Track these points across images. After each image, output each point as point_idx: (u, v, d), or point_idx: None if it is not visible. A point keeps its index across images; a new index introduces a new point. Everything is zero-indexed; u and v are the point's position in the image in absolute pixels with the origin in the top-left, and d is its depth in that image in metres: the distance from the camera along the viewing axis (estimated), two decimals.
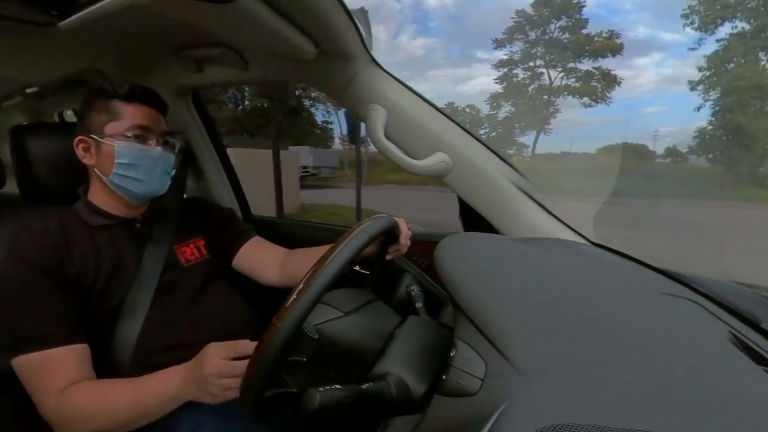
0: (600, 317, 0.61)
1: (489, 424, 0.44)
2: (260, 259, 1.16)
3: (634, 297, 0.74)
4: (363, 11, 0.93)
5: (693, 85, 18.67)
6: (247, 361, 0.61)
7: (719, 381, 0.51)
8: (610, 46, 15.78)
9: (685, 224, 9.02)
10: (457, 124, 1.06)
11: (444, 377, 0.55)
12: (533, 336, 0.55)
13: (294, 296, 0.57)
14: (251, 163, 7.50)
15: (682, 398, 0.45)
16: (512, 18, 16.83)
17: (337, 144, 24.77)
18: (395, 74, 1.04)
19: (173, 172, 1.01)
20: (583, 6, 16.08)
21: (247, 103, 22.13)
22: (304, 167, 15.27)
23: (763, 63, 18.02)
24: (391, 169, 16.51)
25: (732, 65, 17.41)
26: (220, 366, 0.70)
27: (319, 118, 23.67)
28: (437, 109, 1.06)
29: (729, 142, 14.18)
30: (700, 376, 0.51)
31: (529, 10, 16.55)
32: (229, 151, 1.77)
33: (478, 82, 55.77)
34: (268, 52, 1.01)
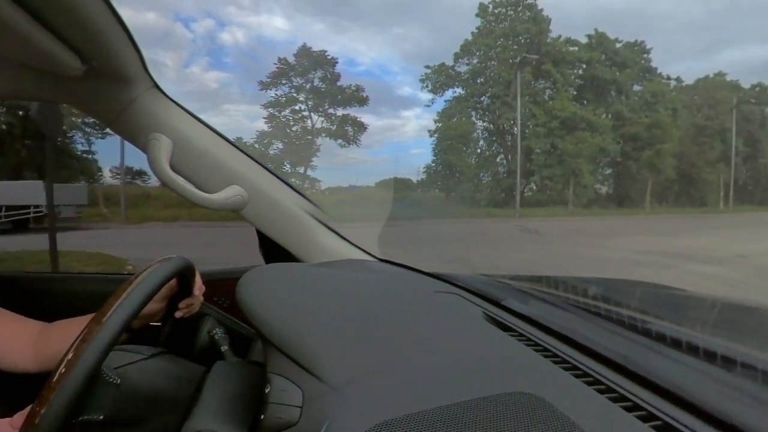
0: (390, 321, 0.70)
1: None
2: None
3: (414, 299, 0.88)
4: None
5: (431, 133, 23.90)
6: None
7: (476, 348, 0.66)
8: (357, 97, 18.62)
9: (441, 236, 11.09)
10: (251, 157, 1.05)
11: (262, 416, 0.53)
12: (340, 351, 0.58)
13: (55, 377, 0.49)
14: None
15: (455, 369, 0.55)
16: (275, 64, 18.21)
17: (108, 177, 20.61)
18: (185, 105, 0.98)
19: None
20: (336, 62, 18.48)
21: None
22: (36, 206, 13.17)
23: (472, 118, 24.82)
24: (169, 205, 15.00)
25: (454, 119, 22.74)
26: None
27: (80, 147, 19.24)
28: (230, 142, 1.03)
29: (446, 176, 18.68)
30: (464, 348, 0.65)
31: (291, 59, 18.20)
32: None
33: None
34: (19, 64, 0.85)
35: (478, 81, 24.79)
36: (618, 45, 26.28)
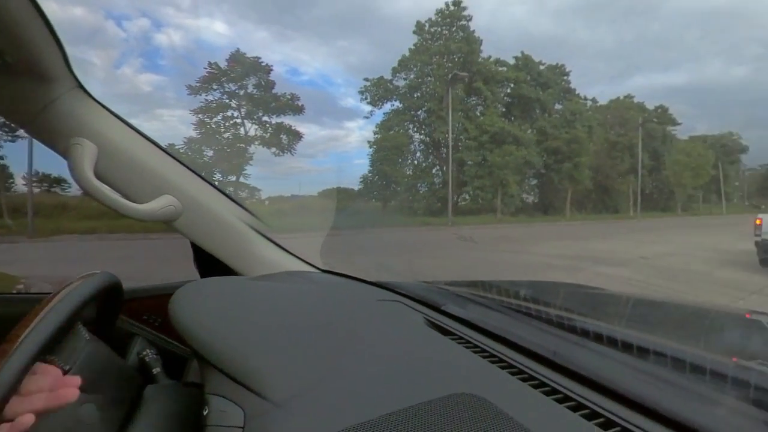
0: (334, 331, 0.69)
1: None
2: None
3: (357, 308, 0.88)
4: None
5: (370, 144, 24.41)
6: None
7: (418, 353, 0.68)
8: (292, 106, 18.63)
9: (383, 245, 11.32)
10: (185, 165, 1.00)
11: None
12: (283, 366, 0.57)
13: None
14: None
15: (399, 375, 0.58)
16: (205, 68, 17.55)
17: (21, 185, 18.15)
18: (114, 108, 0.91)
19: None
20: (271, 69, 18.33)
21: None
22: None
23: (409, 131, 25.71)
24: (88, 216, 13.72)
25: (392, 132, 23.44)
26: None
27: None
28: (162, 148, 0.97)
29: (382, 186, 19.07)
30: (407, 354, 0.66)
31: (224, 64, 17.80)
32: None
33: None
34: None
35: (415, 95, 25.63)
36: (542, 67, 28.45)
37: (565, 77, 29.92)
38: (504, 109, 27.46)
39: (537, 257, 9.02)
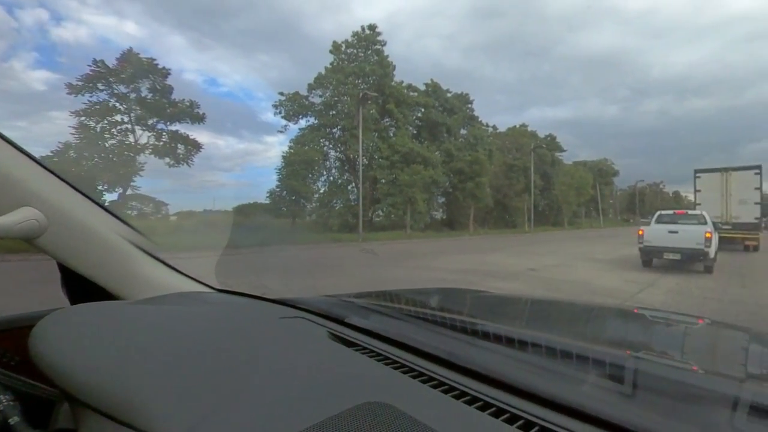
0: (232, 354, 0.65)
1: None
2: None
3: (257, 327, 0.84)
4: None
5: (283, 159, 23.16)
6: None
7: (323, 367, 0.66)
8: (190, 114, 17.14)
9: (282, 263, 10.90)
10: (57, 175, 0.87)
11: None
12: (175, 398, 0.51)
13: None
14: None
15: (305, 392, 0.56)
16: (89, 66, 15.34)
17: None
18: None
19: None
20: (169, 73, 16.82)
21: None
22: None
23: (324, 147, 25.58)
24: None
25: (307, 147, 22.94)
26: None
27: None
28: (26, 153, 0.83)
29: (291, 201, 18.65)
30: (312, 369, 0.64)
31: (111, 63, 15.67)
32: None
33: None
34: None
35: (331, 113, 25.62)
36: (449, 94, 30.21)
37: (470, 105, 32.08)
38: (415, 131, 28.56)
39: (435, 272, 9.26)
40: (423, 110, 28.64)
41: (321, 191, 25.38)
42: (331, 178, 26.51)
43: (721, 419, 0.51)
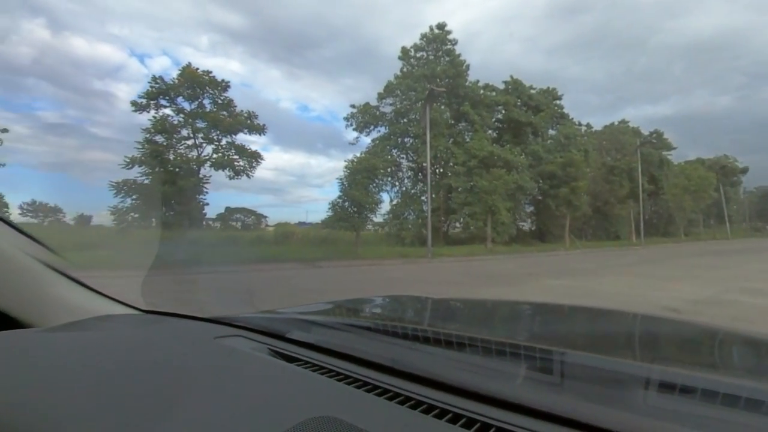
0: (159, 383, 0.58)
1: None
2: None
3: (189, 349, 0.77)
4: None
5: (345, 168, 21.35)
6: None
7: (264, 385, 0.62)
8: (250, 125, 15.80)
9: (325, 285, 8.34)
10: None
11: None
12: (96, 430, 0.46)
13: None
14: None
15: (245, 413, 0.51)
16: (149, 83, 15.19)
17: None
18: None
19: None
20: (228, 86, 15.85)
21: None
22: None
23: (396, 157, 23.43)
24: None
25: (368, 155, 20.45)
26: None
27: None
28: None
29: (352, 212, 16.30)
30: (252, 389, 0.59)
31: (169, 80, 15.44)
32: None
33: None
34: None
35: (402, 121, 23.09)
36: (532, 91, 25.81)
37: (558, 101, 27.21)
38: (495, 134, 24.72)
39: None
40: (503, 111, 24.66)
41: (393, 202, 22.72)
42: (404, 188, 23.76)
43: (636, 398, 0.54)
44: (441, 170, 23.42)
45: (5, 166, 14.49)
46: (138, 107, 14.74)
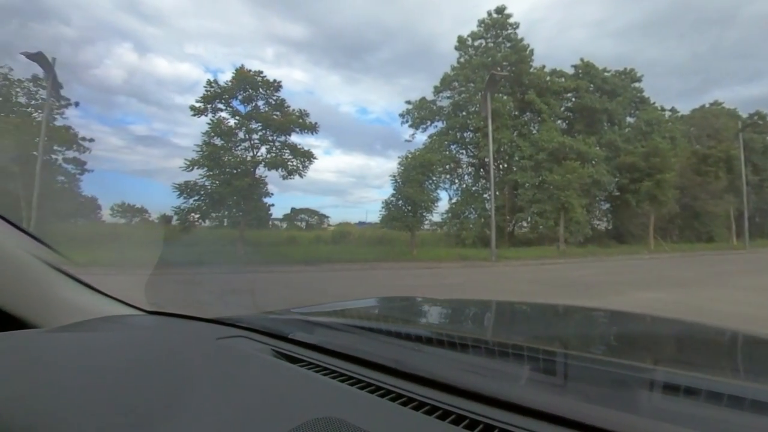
0: (162, 384, 0.59)
1: None
2: None
3: (192, 350, 0.76)
4: None
5: (399, 164, 20.30)
6: None
7: (268, 386, 0.62)
8: (302, 124, 15.41)
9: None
10: None
11: None
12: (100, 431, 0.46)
13: None
14: None
15: (249, 414, 0.51)
16: (205, 87, 15.18)
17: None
18: None
19: None
20: (280, 86, 15.67)
21: None
22: None
23: (455, 152, 21.99)
24: None
25: (424, 151, 19.21)
26: None
27: None
28: None
29: (406, 211, 15.20)
30: (255, 390, 0.59)
31: (223, 83, 15.29)
32: None
33: None
34: None
35: (460, 114, 21.54)
36: (606, 74, 22.93)
37: (637, 84, 23.96)
38: (565, 125, 22.29)
39: None
40: (574, 98, 22.13)
41: (453, 201, 21.24)
42: (464, 185, 22.19)
43: (640, 399, 0.54)
44: (505, 165, 21.57)
45: (102, 173, 15.33)
46: (196, 111, 14.83)
